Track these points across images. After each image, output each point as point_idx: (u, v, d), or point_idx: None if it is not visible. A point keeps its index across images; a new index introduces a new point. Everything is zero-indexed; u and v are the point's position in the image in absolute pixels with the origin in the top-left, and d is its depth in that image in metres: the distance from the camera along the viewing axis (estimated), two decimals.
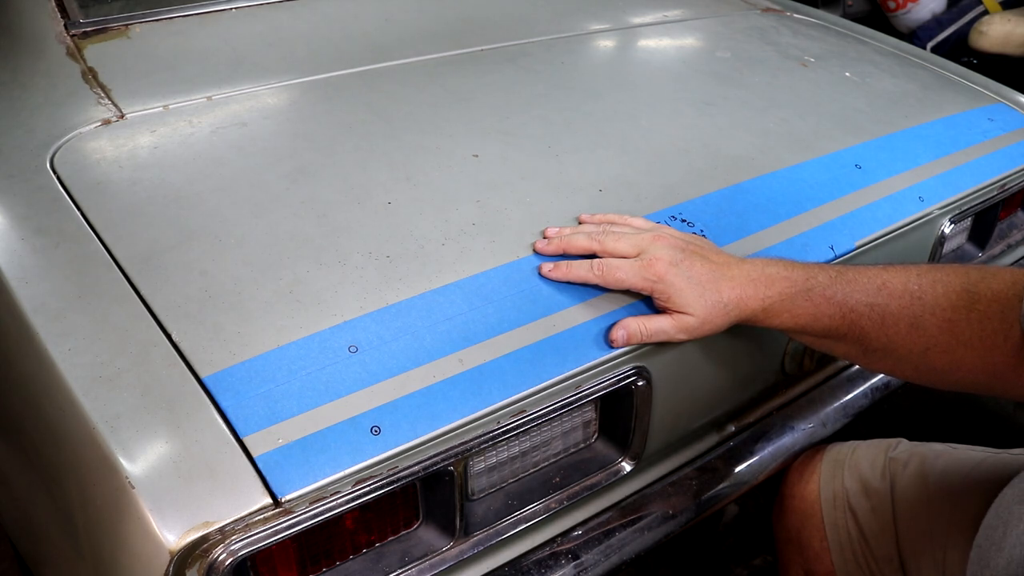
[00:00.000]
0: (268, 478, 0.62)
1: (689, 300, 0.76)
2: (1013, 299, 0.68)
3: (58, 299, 0.72)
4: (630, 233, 0.81)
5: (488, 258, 0.81)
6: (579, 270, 0.79)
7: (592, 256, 0.80)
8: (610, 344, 0.77)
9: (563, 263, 0.80)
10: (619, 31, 1.40)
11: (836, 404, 1.05)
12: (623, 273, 0.78)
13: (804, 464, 1.00)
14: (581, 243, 0.81)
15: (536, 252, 0.83)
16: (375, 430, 0.66)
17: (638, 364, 0.79)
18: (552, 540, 0.83)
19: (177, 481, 0.60)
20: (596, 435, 0.85)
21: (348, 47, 1.20)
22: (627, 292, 0.80)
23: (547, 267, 0.81)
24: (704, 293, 0.76)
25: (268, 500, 0.61)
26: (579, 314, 0.78)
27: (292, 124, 1.01)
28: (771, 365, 0.98)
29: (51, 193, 0.85)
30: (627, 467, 0.84)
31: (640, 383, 0.80)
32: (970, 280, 0.72)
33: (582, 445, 0.85)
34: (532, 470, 0.81)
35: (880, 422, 1.15)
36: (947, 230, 1.09)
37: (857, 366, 1.10)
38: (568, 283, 0.80)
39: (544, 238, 0.84)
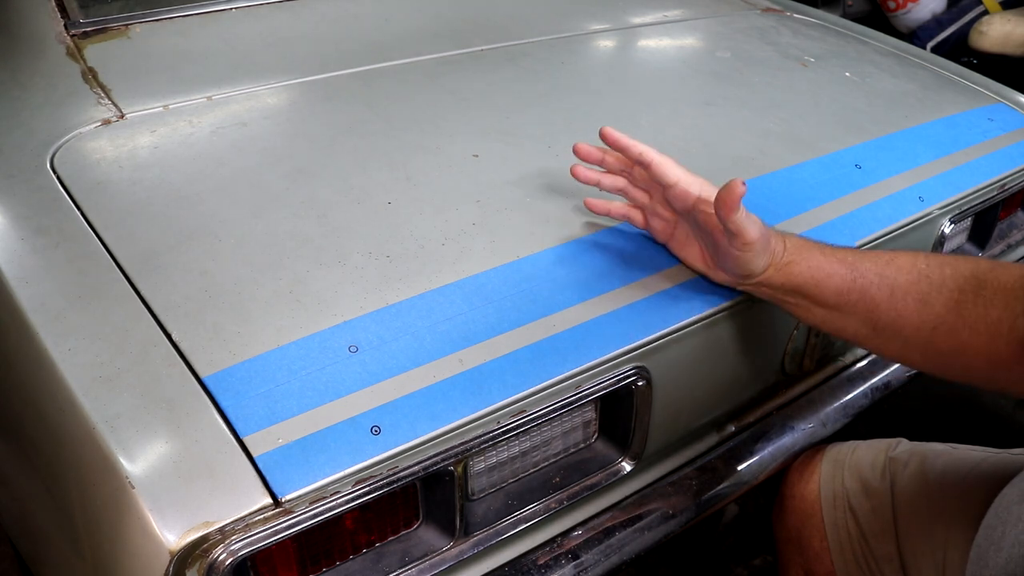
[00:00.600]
0: (268, 478, 0.62)
1: None
2: (1019, 291, 0.68)
3: (58, 299, 0.72)
4: None
5: (488, 258, 0.81)
6: (641, 145, 0.81)
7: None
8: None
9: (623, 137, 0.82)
10: (619, 31, 1.40)
11: (836, 404, 1.05)
12: (680, 169, 0.79)
13: (804, 464, 1.00)
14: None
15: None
16: (375, 430, 0.66)
17: (638, 364, 0.79)
18: (552, 540, 0.83)
19: (177, 481, 0.60)
20: (596, 435, 0.85)
21: (348, 47, 1.20)
22: (630, 289, 0.80)
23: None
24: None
25: (268, 500, 0.61)
26: (579, 314, 0.78)
27: (292, 124, 1.01)
28: (771, 365, 0.98)
29: (51, 193, 0.85)
30: (627, 467, 0.84)
31: (640, 383, 0.80)
32: (979, 268, 0.72)
33: (582, 445, 0.85)
34: (532, 470, 0.81)
35: (880, 422, 1.15)
36: (947, 230, 1.09)
37: (857, 366, 1.09)
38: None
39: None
